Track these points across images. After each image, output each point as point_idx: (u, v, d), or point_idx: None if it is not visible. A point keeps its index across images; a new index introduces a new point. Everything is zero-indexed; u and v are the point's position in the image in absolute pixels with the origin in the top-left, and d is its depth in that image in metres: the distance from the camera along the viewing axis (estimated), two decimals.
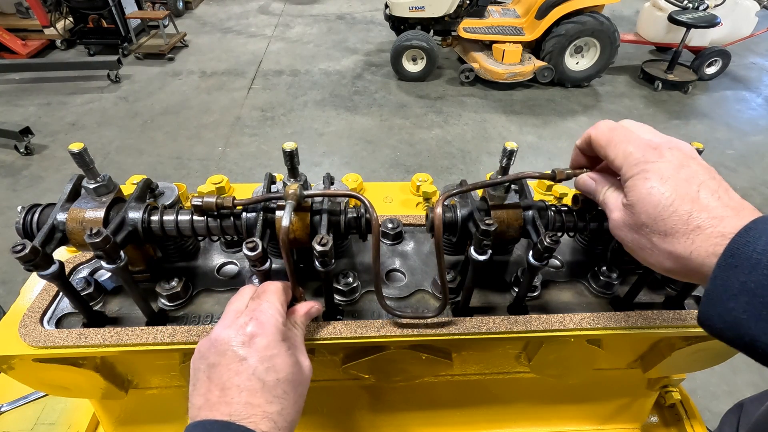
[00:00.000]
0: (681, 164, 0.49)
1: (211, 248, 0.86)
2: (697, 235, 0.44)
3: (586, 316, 0.74)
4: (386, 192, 1.05)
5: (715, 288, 0.41)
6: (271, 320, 0.59)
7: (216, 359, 0.55)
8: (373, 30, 6.83)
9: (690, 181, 0.47)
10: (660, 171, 0.49)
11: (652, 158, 0.50)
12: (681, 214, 0.45)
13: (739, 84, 5.56)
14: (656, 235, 0.47)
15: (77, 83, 5.22)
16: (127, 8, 5.93)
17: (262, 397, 0.53)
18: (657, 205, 0.47)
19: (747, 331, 0.39)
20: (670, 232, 0.46)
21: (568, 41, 4.86)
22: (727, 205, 0.45)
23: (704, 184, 0.47)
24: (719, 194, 0.47)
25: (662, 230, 0.46)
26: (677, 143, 0.53)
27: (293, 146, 0.64)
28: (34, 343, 0.68)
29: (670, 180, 0.48)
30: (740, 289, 0.39)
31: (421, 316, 0.72)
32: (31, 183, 3.78)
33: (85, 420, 1.03)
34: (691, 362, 0.89)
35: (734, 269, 0.40)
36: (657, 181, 0.48)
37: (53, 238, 0.64)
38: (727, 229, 0.43)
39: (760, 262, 0.38)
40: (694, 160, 0.50)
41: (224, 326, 0.58)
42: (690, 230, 0.45)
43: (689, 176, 0.48)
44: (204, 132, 4.46)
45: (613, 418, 1.11)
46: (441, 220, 0.62)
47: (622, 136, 0.54)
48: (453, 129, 4.57)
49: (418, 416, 1.05)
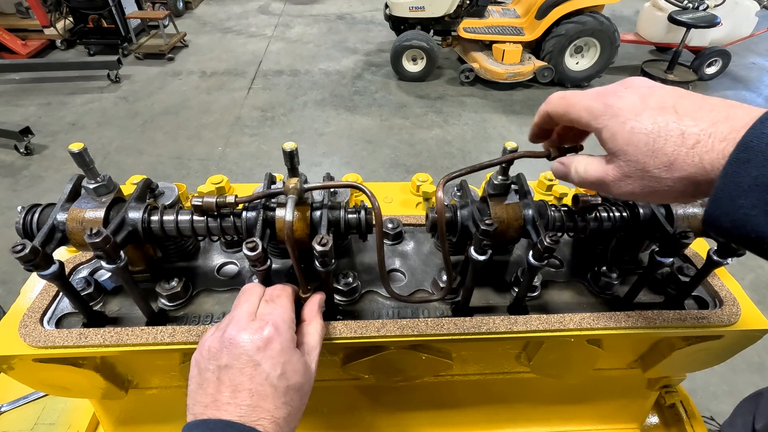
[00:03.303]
0: (644, 95, 0.48)
1: (211, 248, 0.86)
2: (702, 148, 0.42)
3: (586, 316, 0.74)
4: (386, 192, 1.05)
5: (726, 185, 0.39)
6: (286, 326, 0.59)
7: (229, 361, 0.55)
8: (373, 30, 6.83)
9: (663, 106, 0.46)
10: (629, 108, 0.47)
11: (614, 102, 0.49)
12: (673, 137, 0.43)
13: (739, 84, 5.56)
14: (660, 169, 0.44)
15: (77, 83, 5.22)
16: (127, 8, 5.93)
17: (272, 402, 0.54)
18: (646, 141, 0.45)
19: (755, 227, 0.38)
20: (673, 158, 0.43)
21: (568, 41, 4.86)
22: (714, 109, 0.43)
23: (678, 102, 0.45)
24: (699, 104, 0.45)
25: (664, 162, 0.44)
26: (630, 80, 0.51)
27: (293, 146, 0.64)
28: (34, 343, 0.68)
29: (643, 112, 0.46)
30: (752, 184, 0.37)
31: (427, 300, 0.73)
32: (31, 183, 3.78)
33: (85, 420, 1.03)
34: (691, 362, 0.89)
35: (746, 164, 0.38)
36: (632, 119, 0.46)
37: (53, 238, 0.64)
38: (736, 127, 0.40)
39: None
40: (653, 88, 0.49)
41: (239, 328, 0.57)
42: (690, 147, 0.42)
43: (659, 102, 0.46)
44: (204, 132, 4.46)
45: (613, 418, 1.10)
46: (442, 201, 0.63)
47: (577, 98, 0.53)
48: (453, 129, 4.57)
49: (418, 416, 1.05)
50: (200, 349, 0.59)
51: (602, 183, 0.51)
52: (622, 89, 0.50)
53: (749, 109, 0.43)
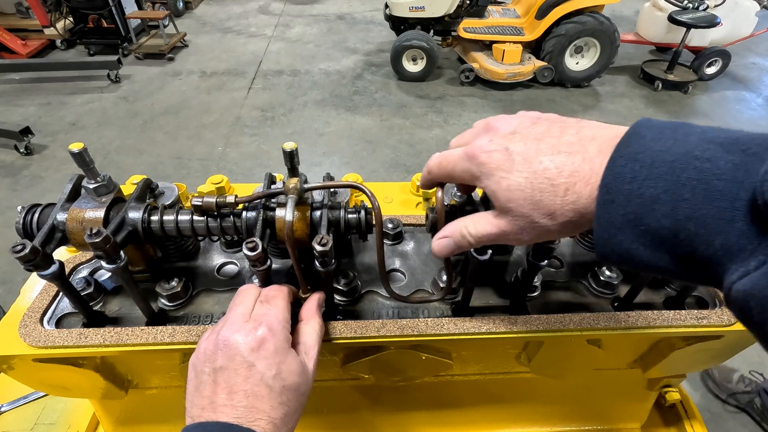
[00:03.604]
0: (508, 148, 0.47)
1: (211, 248, 0.86)
2: (572, 196, 0.43)
3: (586, 316, 0.74)
4: (386, 192, 1.05)
5: (601, 226, 0.41)
6: (280, 326, 0.59)
7: (224, 363, 0.55)
8: (373, 30, 6.83)
9: (527, 157, 0.46)
10: (498, 166, 0.47)
11: (485, 161, 0.49)
12: (546, 189, 0.44)
13: (739, 84, 5.56)
14: (545, 219, 0.46)
15: (77, 83, 5.22)
16: (127, 8, 5.93)
17: (268, 402, 0.54)
18: (524, 197, 0.45)
19: (639, 258, 0.40)
20: (552, 209, 0.45)
21: (568, 41, 4.86)
22: (571, 150, 0.44)
23: (539, 149, 0.46)
24: (556, 147, 0.45)
25: (546, 213, 0.45)
26: (492, 125, 0.51)
27: (293, 146, 0.63)
28: (34, 343, 0.68)
29: (513, 168, 0.46)
30: (623, 221, 0.39)
31: (427, 300, 0.73)
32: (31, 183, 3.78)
33: (85, 420, 1.03)
34: (691, 362, 0.89)
35: (612, 204, 0.39)
36: (505, 176, 0.47)
37: (53, 238, 0.64)
38: (595, 168, 0.42)
39: (631, 192, 0.38)
40: (514, 135, 0.48)
41: (233, 330, 0.57)
42: (563, 196, 0.44)
43: (523, 153, 0.46)
44: (204, 132, 4.46)
45: (613, 418, 1.11)
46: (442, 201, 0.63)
47: (453, 162, 0.53)
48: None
49: (418, 416, 1.05)
50: (196, 352, 0.59)
51: (502, 237, 0.51)
52: (486, 143, 0.49)
53: (600, 141, 0.44)
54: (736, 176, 0.34)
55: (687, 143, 0.38)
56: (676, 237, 0.37)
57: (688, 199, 0.36)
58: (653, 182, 0.37)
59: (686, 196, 0.36)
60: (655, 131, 0.40)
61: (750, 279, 0.32)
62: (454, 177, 0.54)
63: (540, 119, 0.50)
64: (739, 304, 0.33)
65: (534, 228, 0.47)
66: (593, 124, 0.47)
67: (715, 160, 0.36)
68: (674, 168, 0.37)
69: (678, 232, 0.36)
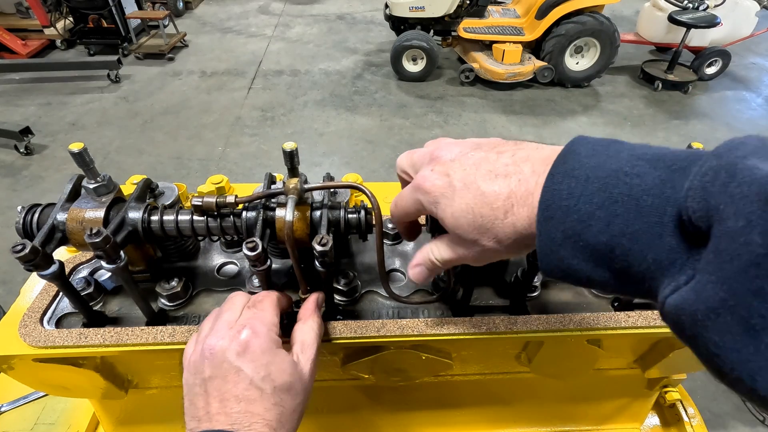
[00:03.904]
0: (448, 174, 0.49)
1: (211, 248, 0.86)
2: (512, 217, 0.44)
3: (586, 316, 0.74)
4: (386, 192, 1.05)
5: (543, 243, 0.41)
6: (265, 328, 0.58)
7: (212, 372, 0.55)
8: (373, 30, 6.83)
9: (466, 182, 0.47)
10: (441, 192, 0.48)
11: (429, 189, 0.49)
12: (486, 213, 0.45)
13: (739, 84, 5.56)
14: (491, 241, 0.47)
15: (77, 83, 5.22)
16: (127, 8, 5.93)
17: (261, 405, 0.54)
18: (468, 222, 0.47)
19: (582, 274, 0.40)
20: (495, 232, 0.46)
21: (568, 41, 4.86)
22: (506, 172, 0.45)
23: (477, 174, 0.47)
24: (492, 170, 0.46)
25: (490, 237, 0.46)
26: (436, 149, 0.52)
27: (293, 146, 0.63)
28: (34, 343, 0.68)
29: (454, 195, 0.47)
30: (563, 238, 0.40)
31: (426, 301, 0.73)
32: (31, 183, 3.79)
33: (85, 420, 1.03)
34: (691, 362, 0.89)
35: (551, 220, 0.40)
36: (449, 204, 0.48)
37: (53, 238, 0.64)
38: (530, 188, 0.43)
39: (569, 208, 0.39)
40: (454, 162, 0.49)
41: (217, 338, 0.57)
42: (503, 218, 0.45)
43: (462, 179, 0.47)
44: (204, 132, 4.46)
45: (613, 418, 1.11)
46: None
47: (405, 198, 0.54)
48: (453, 129, 4.57)
49: (418, 416, 1.05)
50: (186, 366, 0.59)
51: (462, 260, 0.53)
52: (429, 172, 0.51)
53: (533, 162, 0.45)
54: (664, 192, 0.35)
55: (618, 159, 0.38)
56: (612, 252, 0.37)
57: (621, 215, 0.36)
58: (588, 198, 0.38)
59: (619, 212, 0.36)
60: (589, 147, 0.41)
61: (680, 294, 0.33)
62: (410, 212, 0.55)
63: (480, 145, 0.51)
64: (672, 318, 0.34)
65: (486, 251, 0.48)
66: (530, 145, 0.48)
67: (643, 176, 0.36)
68: (607, 184, 0.37)
69: (614, 248, 0.37)
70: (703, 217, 0.31)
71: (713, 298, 0.30)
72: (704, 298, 0.30)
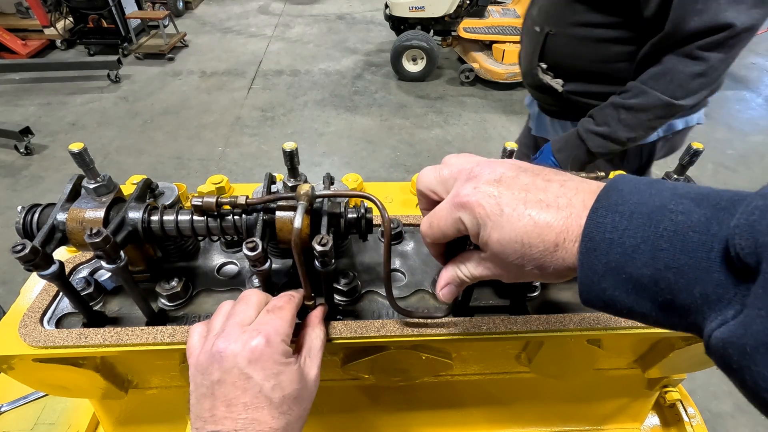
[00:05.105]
0: (493, 195, 0.47)
1: (211, 248, 0.86)
2: (562, 252, 0.44)
3: (586, 316, 0.74)
4: (386, 192, 1.05)
5: (585, 273, 0.42)
6: (279, 338, 0.58)
7: (220, 376, 0.55)
8: (373, 30, 6.84)
9: (516, 210, 0.45)
10: (488, 215, 0.47)
11: (472, 208, 0.48)
12: (537, 245, 0.45)
13: (739, 84, 5.56)
14: (534, 270, 0.47)
15: (77, 83, 5.23)
16: (127, 8, 5.94)
17: (269, 414, 0.54)
18: (514, 249, 0.46)
19: (624, 305, 0.41)
20: (541, 262, 0.46)
21: None
22: (558, 204, 0.45)
23: (527, 200, 0.46)
24: (544, 199, 0.45)
25: (536, 266, 0.46)
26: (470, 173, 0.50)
27: (293, 146, 0.63)
28: (34, 343, 0.68)
29: (502, 218, 0.46)
30: (605, 270, 0.40)
31: (431, 316, 0.73)
32: (31, 183, 3.79)
33: (85, 420, 1.03)
34: (691, 362, 0.89)
35: (594, 253, 0.41)
36: (496, 228, 0.46)
37: (53, 238, 0.64)
38: (582, 219, 0.43)
39: (612, 241, 0.39)
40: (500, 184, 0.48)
41: (228, 341, 0.56)
42: (552, 251, 0.45)
43: (512, 204, 0.46)
44: (204, 132, 4.47)
45: (613, 418, 1.11)
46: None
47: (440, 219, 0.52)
48: (453, 129, 4.57)
49: (418, 416, 1.05)
50: (193, 363, 0.58)
51: (498, 278, 0.52)
52: (472, 190, 0.48)
53: (584, 195, 0.44)
54: (710, 229, 0.35)
55: (662, 197, 0.39)
56: (657, 285, 0.37)
57: (666, 249, 0.37)
58: (632, 232, 0.39)
59: (664, 246, 0.37)
60: (632, 185, 0.42)
61: (728, 327, 0.33)
62: (449, 233, 0.53)
63: (524, 169, 0.50)
64: (719, 352, 0.34)
65: (524, 274, 0.48)
66: (575, 177, 0.48)
67: (688, 213, 0.37)
68: (652, 219, 0.38)
69: (658, 281, 0.37)
70: (752, 254, 0.32)
71: (763, 332, 0.30)
72: (753, 332, 0.31)
